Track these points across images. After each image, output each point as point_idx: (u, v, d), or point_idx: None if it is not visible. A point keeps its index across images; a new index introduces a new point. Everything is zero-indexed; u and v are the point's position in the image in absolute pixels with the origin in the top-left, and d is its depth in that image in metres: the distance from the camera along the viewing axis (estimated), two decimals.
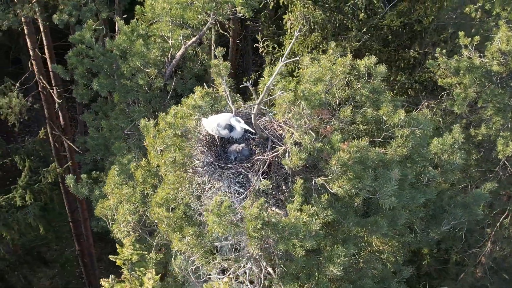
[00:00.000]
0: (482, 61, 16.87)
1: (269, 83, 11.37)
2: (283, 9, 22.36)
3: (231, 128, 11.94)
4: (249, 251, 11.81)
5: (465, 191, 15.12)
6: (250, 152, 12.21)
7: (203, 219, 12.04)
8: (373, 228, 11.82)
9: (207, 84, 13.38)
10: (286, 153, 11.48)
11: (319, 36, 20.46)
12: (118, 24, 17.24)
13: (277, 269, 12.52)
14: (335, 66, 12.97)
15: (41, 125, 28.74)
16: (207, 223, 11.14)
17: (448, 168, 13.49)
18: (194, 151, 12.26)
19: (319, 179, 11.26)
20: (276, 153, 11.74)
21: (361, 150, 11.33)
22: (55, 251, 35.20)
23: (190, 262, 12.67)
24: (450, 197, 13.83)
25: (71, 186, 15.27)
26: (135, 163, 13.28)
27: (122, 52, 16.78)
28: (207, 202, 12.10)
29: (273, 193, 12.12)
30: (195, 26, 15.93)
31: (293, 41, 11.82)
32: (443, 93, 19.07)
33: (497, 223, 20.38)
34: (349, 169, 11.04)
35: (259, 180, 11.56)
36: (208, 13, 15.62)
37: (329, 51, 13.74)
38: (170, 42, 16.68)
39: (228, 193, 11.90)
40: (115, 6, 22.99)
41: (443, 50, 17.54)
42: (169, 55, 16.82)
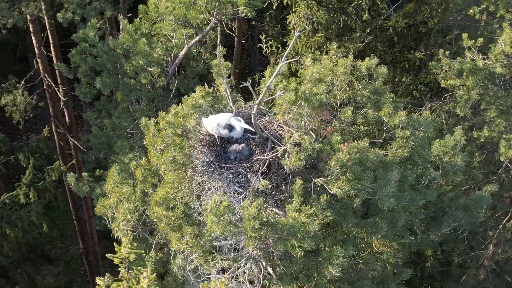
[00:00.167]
0: (485, 63, 16.83)
1: (269, 83, 11.39)
2: (289, 9, 22.33)
3: (231, 128, 11.95)
4: (248, 251, 11.82)
5: (467, 193, 15.06)
6: (250, 152, 12.21)
7: (202, 219, 12.05)
8: (372, 229, 11.79)
9: (210, 83, 13.39)
10: (285, 154, 11.48)
11: (323, 36, 20.43)
12: (121, 23, 17.23)
13: (277, 269, 12.53)
14: (336, 67, 12.96)
15: (47, 123, 28.75)
16: (206, 222, 11.15)
17: (449, 170, 13.45)
18: (194, 150, 12.27)
19: (319, 179, 11.25)
20: (275, 154, 11.74)
21: (361, 151, 11.33)
22: (60, 249, 35.27)
23: (189, 261, 12.69)
24: (450, 199, 13.78)
25: (72, 184, 15.31)
26: (135, 162, 13.29)
27: (125, 51, 16.79)
28: (207, 201, 12.11)
29: (273, 194, 12.12)
30: (198, 25, 15.93)
31: (292, 41, 11.82)
32: (446, 94, 19.03)
33: (500, 226, 20.33)
34: (348, 170, 11.03)
35: (258, 180, 11.56)
36: (211, 13, 15.62)
37: (330, 51, 13.69)
38: (173, 41, 16.69)
39: (227, 193, 11.90)
40: (120, 5, 23.01)
41: (447, 52, 17.50)
42: (172, 54, 16.83)
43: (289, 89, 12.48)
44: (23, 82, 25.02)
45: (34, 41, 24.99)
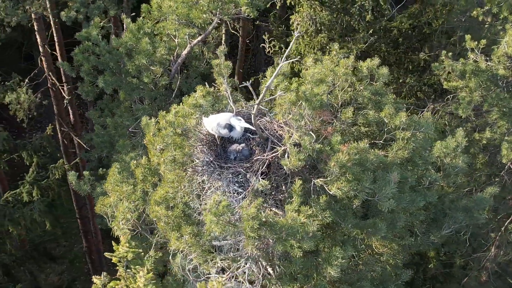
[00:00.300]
0: (488, 65, 16.78)
1: (269, 83, 11.38)
2: (293, 10, 22.35)
3: (231, 127, 11.94)
4: (247, 251, 11.80)
5: (469, 195, 15.03)
6: (250, 152, 12.20)
7: (201, 218, 12.04)
8: (371, 230, 11.77)
9: (212, 83, 13.39)
10: (285, 154, 11.47)
11: (326, 37, 20.43)
12: (124, 22, 17.23)
13: (276, 269, 12.52)
14: (337, 67, 12.95)
15: (52, 122, 28.82)
16: (206, 222, 11.14)
17: (450, 171, 13.42)
18: (194, 150, 12.26)
19: (318, 180, 11.23)
20: (275, 154, 11.73)
21: (361, 152, 11.30)
22: (64, 247, 35.32)
23: (188, 261, 12.68)
24: (451, 201, 13.74)
25: (73, 182, 15.31)
26: (136, 161, 13.29)
27: (128, 50, 16.79)
28: (207, 201, 12.10)
29: (272, 194, 12.11)
30: (200, 25, 15.93)
31: (292, 41, 11.81)
32: (448, 96, 18.99)
33: (502, 228, 20.29)
34: (348, 171, 11.00)
35: (258, 180, 11.55)
36: (213, 12, 15.61)
37: (332, 52, 13.68)
38: (176, 40, 16.69)
39: (227, 192, 11.89)
40: (124, 4, 23.00)
41: (450, 53, 17.45)
42: (175, 53, 16.83)
43: (290, 89, 12.48)
44: (27, 80, 25.10)
45: (38, 40, 25.04)
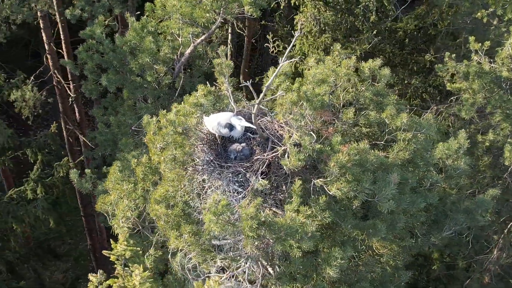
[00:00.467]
0: (492, 67, 16.74)
1: (269, 82, 11.39)
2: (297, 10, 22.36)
3: (231, 127, 11.94)
4: (247, 250, 11.80)
5: (472, 197, 15.00)
6: (250, 151, 12.20)
7: (201, 217, 12.04)
8: (371, 231, 11.77)
9: (215, 82, 13.39)
10: (285, 154, 11.47)
11: (330, 37, 20.41)
12: (128, 20, 17.24)
13: (276, 269, 12.52)
14: (339, 68, 12.93)
15: (58, 120, 28.86)
16: (205, 221, 11.14)
17: (452, 173, 13.40)
18: (194, 149, 12.27)
19: (318, 180, 11.22)
20: (275, 153, 11.72)
21: (361, 152, 11.29)
22: (69, 245, 35.33)
23: (187, 260, 12.69)
24: (452, 202, 13.72)
25: (75, 180, 15.32)
26: (136, 160, 13.30)
27: (131, 48, 16.80)
28: (206, 200, 12.10)
29: (272, 193, 12.11)
30: (203, 24, 15.92)
31: (293, 41, 11.80)
32: (452, 97, 18.96)
33: (505, 230, 20.25)
34: (348, 171, 10.99)
35: (258, 180, 11.55)
36: (216, 12, 15.61)
37: (334, 52, 13.66)
38: (180, 39, 16.69)
39: (227, 192, 11.89)
40: (129, 2, 23.03)
41: (454, 55, 17.41)
42: (179, 52, 16.83)
43: (292, 89, 12.48)
44: (32, 78, 25.14)
45: (44, 37, 25.07)
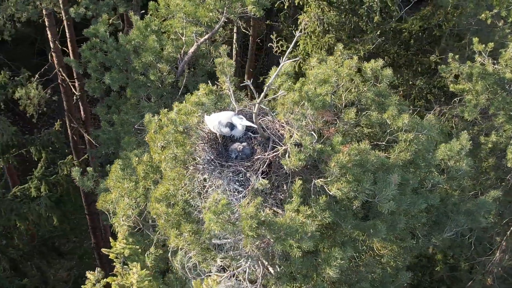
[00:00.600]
0: (495, 68, 16.71)
1: (270, 82, 11.37)
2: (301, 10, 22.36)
3: (232, 126, 11.93)
4: (246, 250, 11.80)
5: (474, 199, 14.97)
6: (251, 151, 12.19)
7: (201, 216, 12.03)
8: (371, 231, 11.75)
9: (215, 81, 13.38)
10: (286, 153, 11.45)
11: (333, 37, 20.39)
12: (132, 19, 17.26)
13: (276, 268, 12.52)
14: (341, 68, 12.92)
15: (64, 118, 28.92)
16: (205, 220, 11.14)
17: (453, 174, 13.39)
18: (195, 148, 12.26)
19: (319, 180, 11.21)
20: (276, 153, 11.71)
21: (361, 153, 11.28)
22: (74, 243, 35.43)
23: (187, 258, 12.70)
24: (454, 204, 13.70)
25: (77, 178, 15.34)
26: (137, 158, 13.30)
27: (135, 47, 16.82)
28: (207, 199, 12.10)
29: (273, 193, 12.10)
30: (207, 23, 15.92)
31: (294, 41, 11.78)
32: (455, 99, 18.94)
33: (507, 232, 20.21)
34: (348, 172, 10.98)
35: (258, 179, 11.54)
36: (219, 11, 15.61)
37: (336, 52, 13.65)
38: (183, 38, 16.69)
39: (227, 191, 11.88)
40: (133, 1, 23.02)
41: (457, 56, 17.39)
42: (182, 51, 16.83)
43: (294, 89, 12.46)
44: (37, 76, 25.17)
45: (49, 35, 25.09)
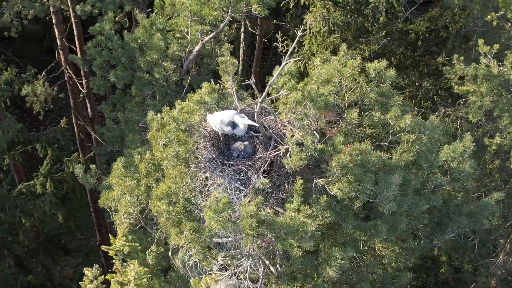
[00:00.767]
0: (500, 70, 16.65)
1: (271, 81, 11.37)
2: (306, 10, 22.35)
3: (234, 125, 11.93)
4: (247, 249, 11.80)
5: (477, 200, 14.93)
6: (253, 150, 12.19)
7: (202, 215, 12.04)
8: (372, 232, 11.74)
9: (218, 80, 13.38)
10: (287, 153, 11.45)
11: (339, 37, 20.37)
12: (137, 17, 17.27)
13: (277, 268, 12.51)
14: (344, 68, 12.91)
15: (70, 115, 28.98)
16: (206, 219, 11.15)
17: (456, 176, 13.35)
18: (197, 146, 12.27)
19: (320, 180, 11.20)
20: (277, 152, 11.71)
21: (363, 153, 11.26)
22: (80, 240, 35.48)
23: (187, 256, 12.71)
24: (456, 205, 13.67)
25: (80, 176, 15.35)
26: (140, 156, 13.31)
27: (140, 45, 16.83)
28: (208, 198, 12.10)
29: (274, 192, 12.10)
30: (211, 22, 15.93)
31: (295, 40, 11.76)
32: (460, 100, 18.89)
33: (511, 234, 20.14)
34: (349, 172, 10.97)
35: (259, 178, 11.53)
36: (224, 10, 15.61)
37: (340, 52, 13.63)
38: (188, 37, 16.70)
39: (228, 190, 11.88)
40: None
41: (462, 57, 17.35)
42: (187, 50, 16.84)
43: (297, 88, 12.45)
44: (44, 73, 25.23)
45: (56, 33, 25.15)
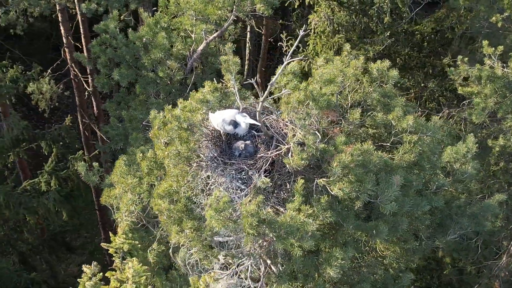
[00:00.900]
0: (504, 72, 16.62)
1: (273, 81, 11.36)
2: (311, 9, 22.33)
3: (236, 124, 11.92)
4: (247, 248, 11.80)
5: (480, 202, 14.90)
6: (255, 149, 12.18)
7: (203, 213, 12.04)
8: (373, 232, 11.72)
9: (222, 79, 13.37)
10: (289, 152, 11.44)
11: (343, 38, 20.35)
12: (142, 15, 17.31)
13: (278, 267, 12.51)
14: (347, 68, 12.89)
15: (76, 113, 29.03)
16: (206, 217, 11.15)
17: (459, 177, 13.34)
18: (199, 145, 12.27)
19: (321, 180, 11.19)
20: (279, 152, 11.70)
21: (364, 153, 11.24)
22: (85, 238, 35.55)
23: (188, 255, 12.72)
24: (458, 207, 13.64)
25: (83, 173, 15.37)
26: (142, 154, 13.31)
27: (144, 44, 16.86)
28: (209, 196, 12.10)
29: (276, 192, 12.09)
30: (215, 21, 15.94)
31: (297, 40, 11.74)
32: (464, 101, 18.85)
33: None
34: (350, 172, 10.95)
35: (260, 177, 11.52)
36: (228, 9, 15.62)
37: (343, 52, 13.61)
38: (193, 36, 16.72)
39: (230, 189, 11.88)
40: None
41: (466, 58, 17.33)
42: (191, 49, 16.86)
43: (299, 88, 12.42)
44: (49, 71, 25.27)
45: (62, 31, 25.19)
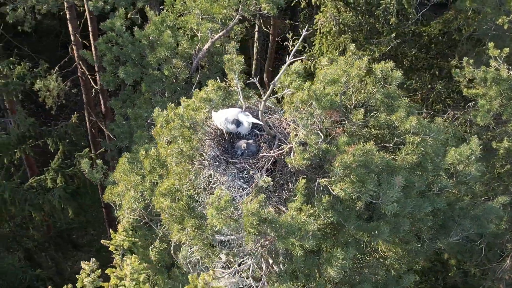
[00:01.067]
0: (510, 74, 16.58)
1: (275, 80, 11.37)
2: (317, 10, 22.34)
3: (238, 123, 11.93)
4: (248, 247, 11.81)
5: (483, 204, 14.87)
6: (257, 148, 12.19)
7: (205, 212, 12.05)
8: (375, 233, 11.72)
9: (225, 78, 13.39)
10: (291, 152, 11.44)
11: (349, 38, 20.34)
12: (148, 14, 17.34)
13: (280, 267, 12.51)
14: (351, 68, 12.88)
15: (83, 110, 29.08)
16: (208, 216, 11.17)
17: (462, 179, 13.32)
18: (202, 143, 12.28)
19: (323, 180, 11.19)
20: (281, 151, 11.70)
21: (366, 154, 11.24)
22: (92, 235, 35.57)
23: (189, 253, 12.73)
24: (461, 208, 13.63)
25: (86, 171, 15.39)
26: (144, 152, 13.33)
27: (150, 42, 16.89)
28: (211, 195, 12.11)
29: (278, 191, 12.09)
30: (221, 20, 15.97)
31: (300, 39, 11.76)
32: (469, 103, 18.80)
33: None
34: (352, 172, 10.95)
35: (262, 177, 11.53)
36: (233, 8, 15.64)
37: (347, 53, 13.61)
38: (198, 35, 16.74)
39: (232, 187, 11.89)
40: None
41: (471, 60, 17.29)
42: (197, 48, 16.88)
43: (303, 88, 12.43)
44: (57, 68, 25.32)
45: (70, 28, 25.23)
